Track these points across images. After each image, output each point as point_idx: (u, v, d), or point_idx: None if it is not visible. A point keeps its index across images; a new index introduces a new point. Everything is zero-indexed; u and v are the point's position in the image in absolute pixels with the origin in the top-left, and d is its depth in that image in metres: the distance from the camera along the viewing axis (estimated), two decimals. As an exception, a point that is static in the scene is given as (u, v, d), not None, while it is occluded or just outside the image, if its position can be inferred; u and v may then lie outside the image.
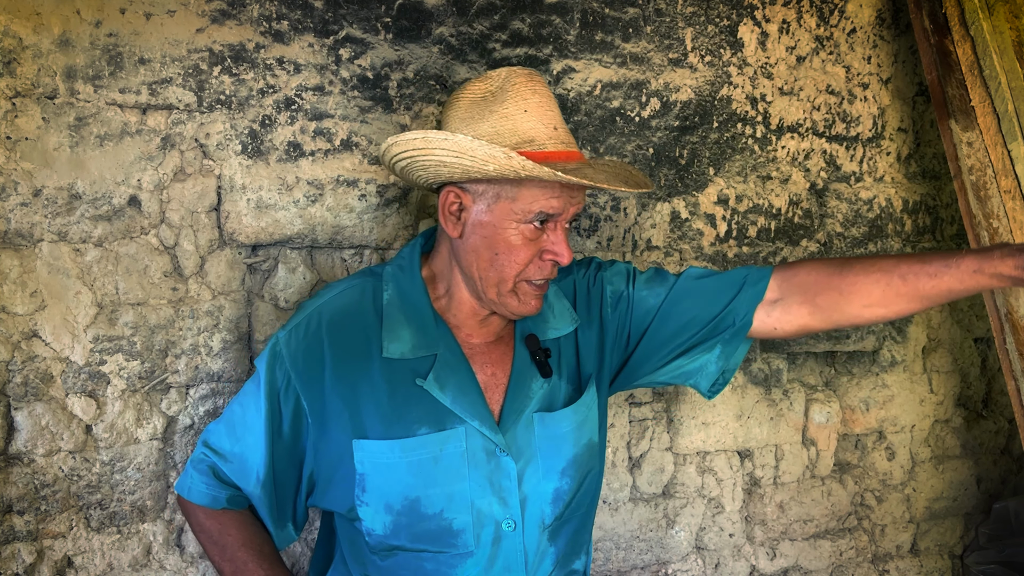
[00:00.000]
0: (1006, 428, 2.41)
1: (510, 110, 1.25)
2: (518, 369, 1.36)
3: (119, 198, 1.48)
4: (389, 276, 1.36)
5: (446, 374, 1.30)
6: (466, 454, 1.29)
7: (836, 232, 2.09)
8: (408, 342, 1.30)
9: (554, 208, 1.23)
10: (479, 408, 1.30)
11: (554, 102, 1.28)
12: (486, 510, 1.30)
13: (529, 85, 1.26)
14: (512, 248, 1.25)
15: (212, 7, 1.50)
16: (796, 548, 2.17)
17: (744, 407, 2.05)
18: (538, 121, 1.24)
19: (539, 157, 1.21)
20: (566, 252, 1.26)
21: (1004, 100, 1.90)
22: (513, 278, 1.27)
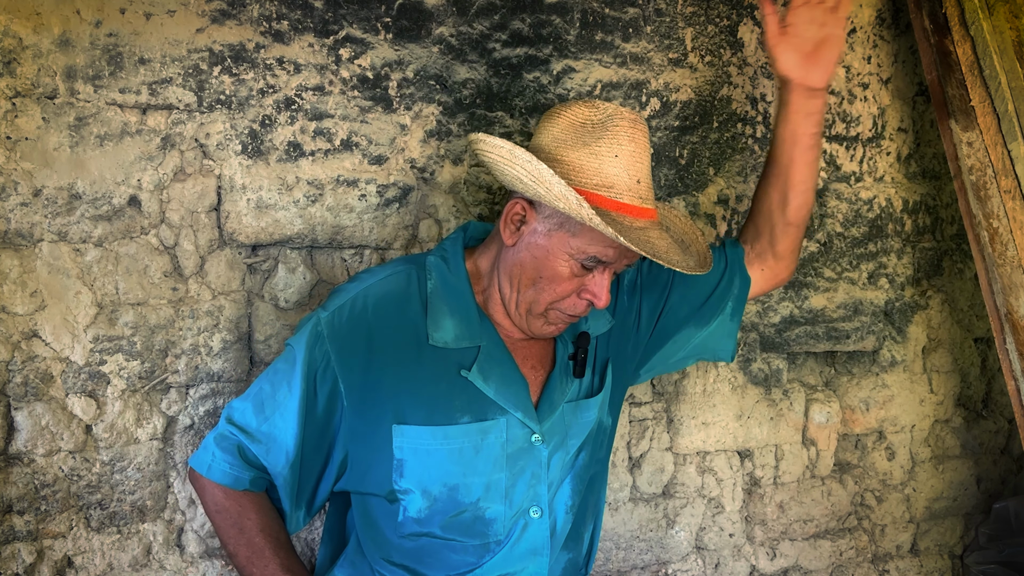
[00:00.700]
0: (1006, 428, 2.41)
1: (602, 149, 1.24)
2: (559, 365, 1.41)
3: (119, 198, 1.48)
4: (432, 265, 1.36)
5: (490, 366, 1.32)
6: (505, 445, 1.32)
7: (836, 232, 2.09)
8: (451, 332, 1.31)
9: (608, 257, 1.26)
10: (523, 400, 1.33)
11: (647, 154, 1.28)
12: (518, 500, 1.34)
13: (629, 132, 1.25)
14: (557, 277, 1.28)
15: (212, 7, 1.50)
16: (796, 548, 2.17)
17: (744, 407, 2.05)
18: (624, 170, 1.24)
19: (612, 206, 1.23)
20: (604, 297, 1.28)
21: (1004, 100, 1.90)
22: (547, 303, 1.30)
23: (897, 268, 2.18)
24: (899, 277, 2.18)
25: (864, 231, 2.13)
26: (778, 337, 2.06)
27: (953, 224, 2.25)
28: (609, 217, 1.22)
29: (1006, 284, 1.91)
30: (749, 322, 2.02)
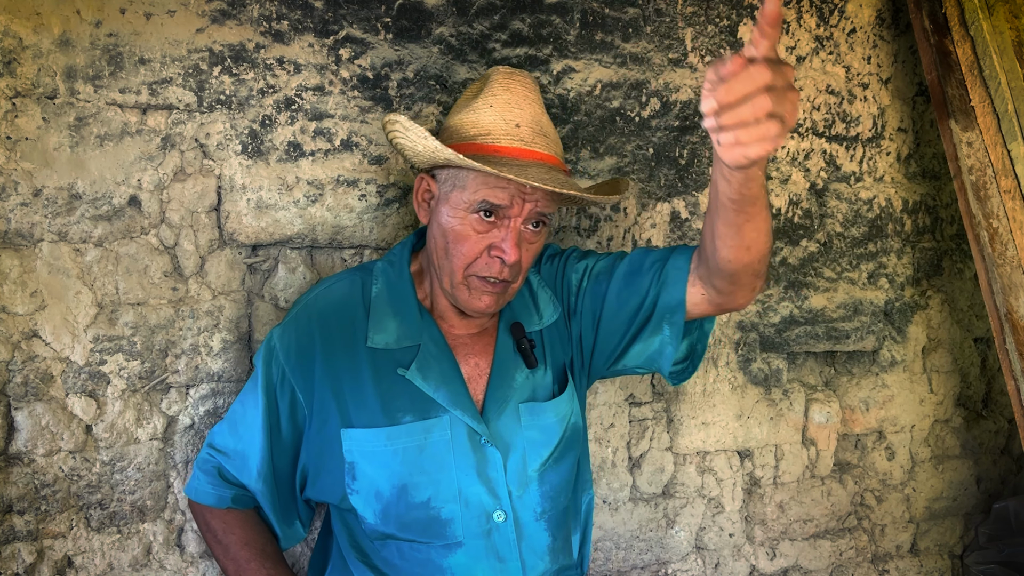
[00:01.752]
0: (1006, 428, 2.41)
1: (479, 104, 1.29)
2: (500, 358, 1.38)
3: (119, 198, 1.48)
4: (379, 271, 1.39)
5: (429, 364, 1.32)
6: (451, 443, 1.31)
7: (836, 232, 2.09)
8: (393, 333, 1.33)
9: (499, 199, 1.23)
10: (461, 398, 1.32)
11: (528, 102, 1.29)
12: (475, 500, 1.31)
13: (503, 82, 1.29)
14: (460, 238, 1.26)
15: (212, 7, 1.50)
16: (796, 548, 2.17)
17: (744, 407, 2.05)
18: (499, 116, 1.27)
19: (490, 150, 1.24)
20: (511, 250, 1.24)
21: (1004, 100, 1.90)
22: (462, 270, 1.28)
23: (897, 268, 2.18)
24: (899, 277, 2.18)
25: (864, 231, 2.13)
26: (778, 337, 2.06)
27: (953, 224, 2.25)
28: (484, 158, 1.22)
29: (1006, 284, 1.91)
30: (749, 322, 2.02)
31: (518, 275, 1.30)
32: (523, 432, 1.36)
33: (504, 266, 1.27)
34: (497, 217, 1.25)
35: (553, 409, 1.39)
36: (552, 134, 1.31)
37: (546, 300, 1.45)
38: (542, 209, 1.26)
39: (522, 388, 1.38)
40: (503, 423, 1.35)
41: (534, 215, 1.27)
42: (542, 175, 1.22)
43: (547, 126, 1.30)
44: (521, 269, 1.30)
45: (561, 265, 1.48)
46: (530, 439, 1.36)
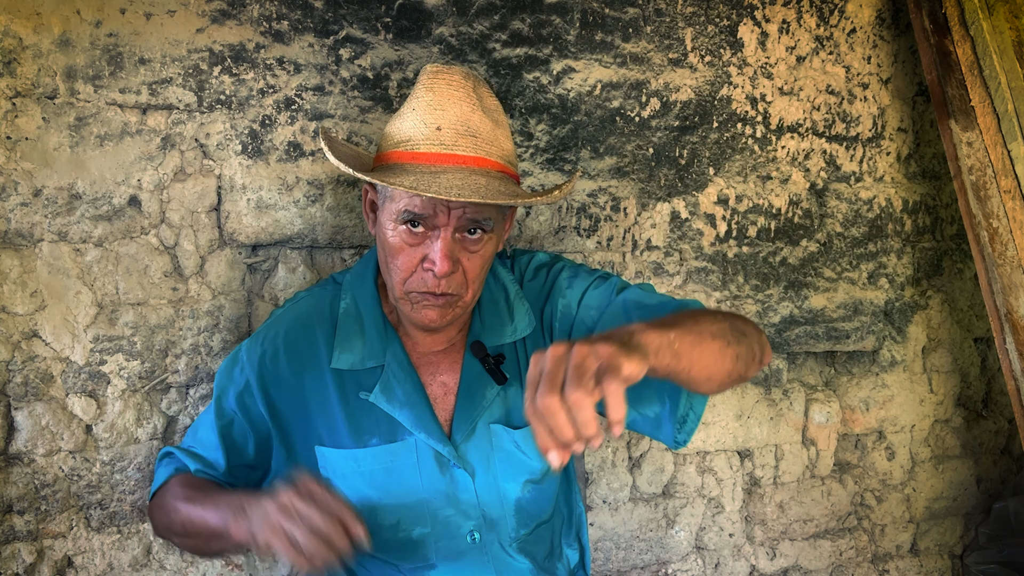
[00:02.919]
0: (1006, 428, 2.41)
1: (405, 108, 1.23)
2: (467, 377, 1.31)
3: (119, 198, 1.48)
4: (348, 285, 1.34)
5: (392, 385, 1.27)
6: (418, 465, 1.26)
7: (836, 232, 2.09)
8: (358, 353, 1.28)
9: (418, 208, 1.16)
10: (426, 420, 1.26)
11: (456, 100, 1.19)
12: (445, 522, 1.28)
13: (427, 83, 1.21)
14: (395, 251, 1.20)
15: (212, 7, 1.50)
16: (796, 548, 2.17)
17: (744, 407, 2.05)
18: (420, 121, 1.19)
19: (408, 158, 1.18)
20: (440, 262, 1.16)
21: (1004, 100, 1.90)
22: (400, 285, 1.22)
23: (897, 268, 2.18)
24: (899, 277, 2.19)
25: (864, 231, 2.13)
26: (778, 337, 2.06)
27: (953, 224, 2.25)
28: (400, 168, 1.17)
29: (1006, 284, 1.91)
30: (749, 322, 2.02)
31: (463, 288, 1.22)
32: (495, 454, 1.30)
33: (438, 279, 1.19)
34: (426, 228, 1.18)
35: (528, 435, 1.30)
36: (487, 133, 1.20)
37: (522, 313, 1.35)
38: (473, 215, 1.17)
39: (493, 407, 1.31)
40: (472, 445, 1.29)
41: (466, 222, 1.18)
42: (455, 182, 1.12)
43: (479, 125, 1.19)
44: (467, 281, 1.22)
45: (548, 283, 1.37)
46: (502, 460, 1.30)
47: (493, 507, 1.30)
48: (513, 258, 1.43)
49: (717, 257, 1.97)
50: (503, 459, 1.30)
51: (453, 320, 1.26)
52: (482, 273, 1.24)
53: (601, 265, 1.86)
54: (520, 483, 1.31)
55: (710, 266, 1.96)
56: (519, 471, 1.31)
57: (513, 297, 1.36)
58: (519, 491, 1.31)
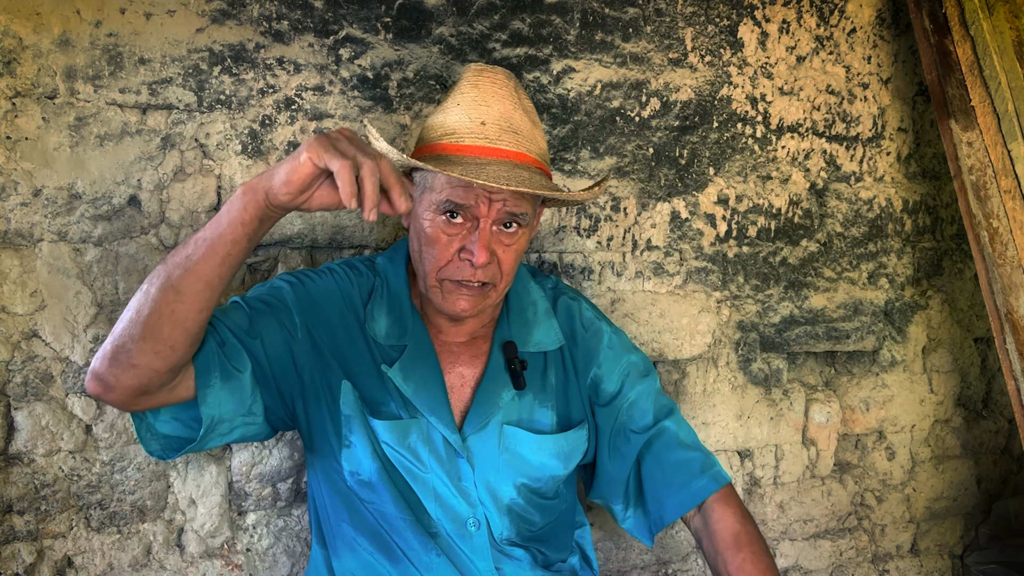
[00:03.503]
0: (1006, 428, 2.41)
1: (448, 104, 1.28)
2: (490, 374, 1.36)
3: (119, 198, 1.48)
4: (380, 266, 1.40)
5: (411, 366, 1.31)
6: (427, 444, 1.30)
7: (836, 232, 2.09)
8: (383, 328, 1.33)
9: (462, 199, 1.20)
10: (438, 406, 1.31)
11: (499, 98, 1.25)
12: (450, 504, 1.32)
13: (472, 80, 1.27)
14: (431, 240, 1.24)
15: (212, 7, 1.50)
16: (796, 548, 2.17)
17: (744, 407, 2.05)
18: (464, 115, 1.24)
19: (452, 150, 1.22)
20: (479, 252, 1.21)
21: (1004, 100, 1.90)
22: (434, 273, 1.26)
23: (897, 268, 2.18)
24: (899, 277, 2.18)
25: (864, 231, 2.13)
26: (778, 337, 2.06)
27: (953, 224, 2.25)
28: (446, 159, 1.21)
29: (1006, 284, 1.91)
30: (749, 322, 2.02)
31: (496, 277, 1.27)
32: (501, 455, 1.33)
33: (475, 268, 1.23)
34: (465, 219, 1.23)
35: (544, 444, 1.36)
36: (527, 131, 1.26)
37: (549, 328, 1.42)
38: (511, 209, 1.23)
39: (508, 408, 1.35)
40: (480, 439, 1.33)
41: (504, 215, 1.23)
42: (501, 173, 1.17)
43: (520, 122, 1.25)
44: (501, 272, 1.27)
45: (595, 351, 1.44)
46: (507, 464, 1.34)
47: (488, 503, 1.34)
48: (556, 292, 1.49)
49: (717, 257, 1.97)
50: (508, 461, 1.34)
51: (482, 310, 1.31)
52: (515, 266, 1.29)
53: (601, 265, 1.86)
54: (515, 487, 1.35)
55: (710, 266, 1.96)
56: (518, 474, 1.35)
57: (542, 313, 1.43)
58: (513, 494, 1.35)
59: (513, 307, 1.42)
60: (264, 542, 1.66)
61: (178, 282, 1.06)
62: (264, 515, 1.65)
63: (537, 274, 1.53)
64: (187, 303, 1.06)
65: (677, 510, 1.39)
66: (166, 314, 1.06)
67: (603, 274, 1.87)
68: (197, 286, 1.06)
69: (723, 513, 1.37)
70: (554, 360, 1.42)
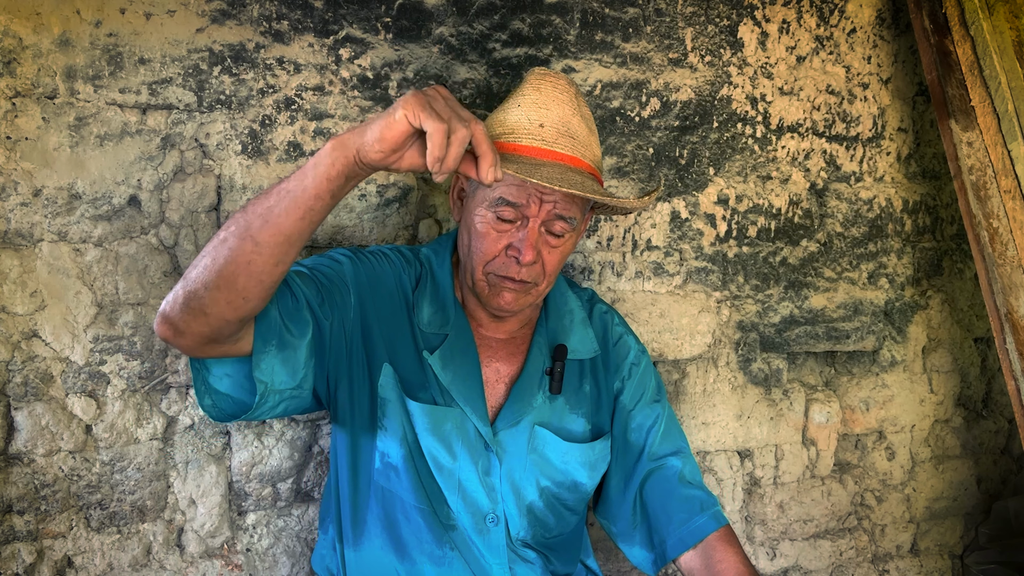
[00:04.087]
0: (1006, 428, 2.41)
1: (509, 104, 1.31)
2: (527, 373, 1.38)
3: (119, 198, 1.48)
4: (425, 257, 1.42)
5: (451, 355, 1.33)
6: (460, 434, 1.32)
7: (836, 232, 2.09)
8: (427, 316, 1.35)
9: (514, 197, 1.23)
10: (474, 397, 1.33)
11: (559, 102, 1.28)
12: (472, 497, 1.32)
13: (534, 83, 1.30)
14: (481, 236, 1.27)
15: (212, 7, 1.50)
16: (796, 548, 2.17)
17: (744, 407, 2.05)
18: (524, 116, 1.27)
19: (510, 148, 1.25)
20: (526, 250, 1.24)
21: (1004, 100, 1.90)
22: (481, 267, 1.29)
23: (897, 268, 2.18)
24: (899, 277, 2.18)
25: (864, 231, 2.13)
26: (778, 337, 2.06)
27: (953, 224, 2.25)
28: (502, 156, 1.21)
29: (1006, 284, 1.91)
30: (749, 322, 2.02)
31: (540, 277, 1.30)
32: (529, 455, 1.35)
33: (520, 266, 1.27)
34: (516, 217, 1.26)
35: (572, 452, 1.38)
36: (583, 137, 1.29)
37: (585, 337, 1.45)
38: (561, 212, 1.26)
39: (540, 410, 1.37)
40: (511, 436, 1.35)
41: (553, 216, 1.26)
42: (554, 175, 1.19)
43: (577, 128, 1.28)
44: (545, 272, 1.30)
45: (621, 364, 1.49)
46: (534, 464, 1.36)
47: (510, 501, 1.35)
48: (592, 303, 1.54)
49: (717, 257, 1.97)
50: (535, 461, 1.36)
51: (523, 307, 1.34)
52: (559, 267, 1.32)
53: (601, 265, 1.86)
54: (539, 488, 1.36)
55: (710, 266, 1.96)
56: (543, 476, 1.36)
57: (578, 322, 1.46)
58: (535, 495, 1.36)
59: (552, 312, 1.46)
60: (264, 542, 1.66)
61: (257, 233, 1.01)
62: (264, 515, 1.66)
63: (574, 285, 1.57)
64: (265, 255, 1.02)
65: (678, 547, 1.40)
66: (242, 264, 1.02)
67: (603, 274, 1.87)
68: (277, 239, 1.01)
69: (726, 553, 1.36)
70: (589, 369, 1.46)
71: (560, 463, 1.37)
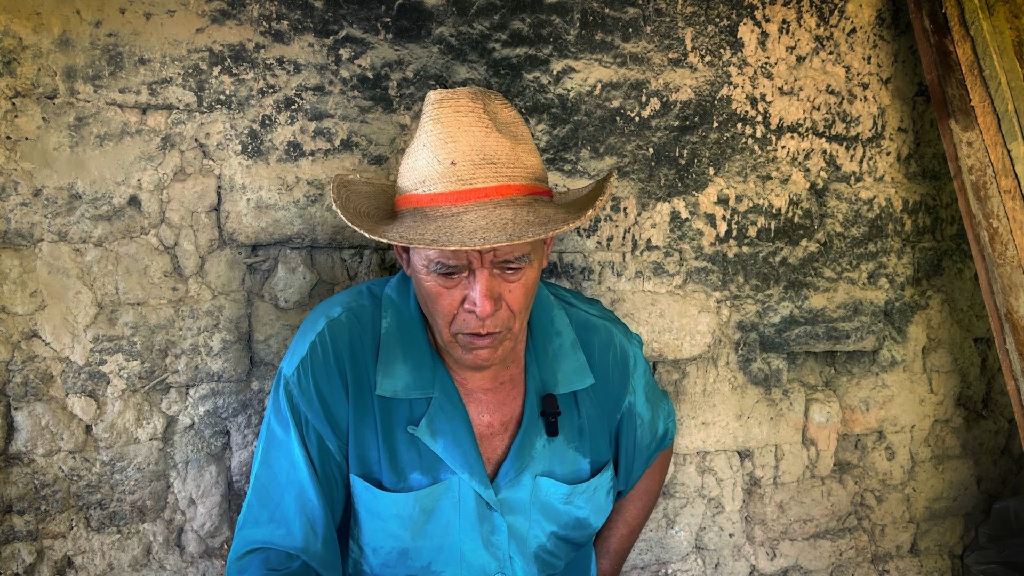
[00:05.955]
0: (1006, 428, 2.41)
1: (416, 146, 1.15)
2: (527, 424, 1.28)
3: (119, 198, 1.48)
4: (388, 302, 1.28)
5: (440, 421, 1.23)
6: (458, 505, 1.24)
7: (836, 232, 2.09)
8: (403, 380, 1.23)
9: (449, 259, 1.10)
10: (471, 461, 1.24)
11: (465, 127, 1.12)
12: (476, 564, 1.27)
13: (433, 114, 1.14)
14: (433, 297, 1.15)
15: (212, 7, 1.50)
16: (796, 548, 2.17)
17: (744, 407, 2.05)
18: (433, 158, 1.12)
19: (426, 201, 1.12)
20: (481, 303, 1.11)
21: (1004, 100, 1.90)
22: (447, 328, 1.17)
23: (897, 268, 2.18)
24: (899, 277, 2.18)
25: (864, 231, 2.13)
26: (778, 337, 2.06)
27: (953, 224, 2.25)
28: (422, 214, 1.11)
29: (1006, 284, 1.91)
30: (749, 322, 2.02)
31: (510, 321, 1.17)
32: (532, 502, 1.29)
33: (482, 320, 1.13)
34: (460, 270, 1.13)
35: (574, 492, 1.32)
36: (506, 156, 1.12)
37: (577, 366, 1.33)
38: (505, 256, 1.12)
39: (540, 456, 1.29)
40: (515, 493, 1.27)
41: (500, 260, 1.12)
42: (479, 223, 1.05)
43: (496, 149, 1.12)
44: (514, 314, 1.17)
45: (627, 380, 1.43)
46: (539, 512, 1.30)
47: (518, 553, 1.30)
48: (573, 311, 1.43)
49: (717, 257, 1.97)
50: (539, 510, 1.30)
51: (505, 355, 1.22)
52: (526, 301, 1.19)
53: (601, 265, 1.86)
54: (546, 535, 1.32)
55: (710, 266, 1.96)
56: (550, 522, 1.31)
57: (568, 346, 1.34)
58: (543, 540, 1.32)
59: (538, 339, 1.33)
60: (264, 542, 1.66)
61: None
62: (264, 515, 1.66)
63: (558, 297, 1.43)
64: None
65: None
66: None
67: (603, 274, 1.87)
68: None
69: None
70: (584, 398, 1.35)
71: (564, 507, 1.32)
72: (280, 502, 1.19)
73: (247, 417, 1.61)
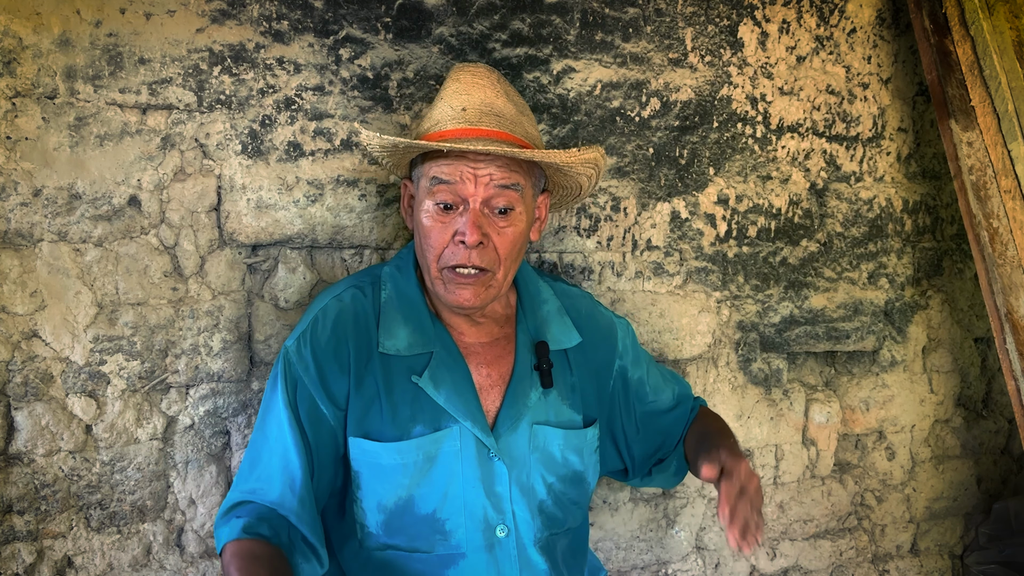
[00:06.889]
0: (1006, 428, 2.41)
1: (435, 101, 1.35)
2: (519, 374, 1.37)
3: (119, 198, 1.48)
4: (387, 276, 1.39)
5: (441, 372, 1.31)
6: (460, 453, 1.29)
7: (836, 232, 2.09)
8: (405, 339, 1.31)
9: (446, 174, 1.24)
10: (472, 409, 1.30)
11: (479, 87, 1.30)
12: (479, 513, 1.30)
13: (454, 75, 1.35)
14: (428, 231, 1.28)
15: (212, 7, 1.50)
16: (796, 548, 2.17)
17: (744, 407, 2.04)
18: (447, 105, 1.30)
19: (436, 136, 1.27)
20: (470, 231, 1.23)
21: (1004, 100, 1.90)
22: (435, 263, 1.28)
23: (897, 268, 2.18)
24: (899, 277, 2.18)
25: (864, 231, 2.13)
26: (778, 337, 2.06)
27: (953, 224, 2.25)
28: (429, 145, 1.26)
29: (1006, 284, 1.91)
30: (749, 322, 2.02)
31: (494, 264, 1.28)
32: (532, 453, 1.34)
33: (468, 250, 1.25)
34: (456, 202, 1.26)
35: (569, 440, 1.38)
36: (509, 115, 1.29)
37: (564, 327, 1.44)
38: (500, 181, 1.25)
39: (536, 408, 1.36)
40: (514, 440, 1.33)
41: (493, 190, 1.25)
42: (478, 144, 1.21)
43: (502, 107, 1.29)
44: (499, 258, 1.28)
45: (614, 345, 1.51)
46: (539, 462, 1.35)
47: (521, 505, 1.33)
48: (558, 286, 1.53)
49: (717, 257, 1.97)
50: (539, 459, 1.35)
51: (487, 302, 1.32)
52: (513, 251, 1.30)
53: (601, 265, 1.86)
54: (546, 485, 1.36)
55: (710, 266, 1.96)
56: (548, 472, 1.36)
57: (555, 311, 1.45)
58: (544, 493, 1.36)
59: (527, 305, 1.44)
60: (264, 542, 1.66)
61: None
62: (264, 515, 1.66)
63: (542, 274, 1.55)
64: None
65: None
66: None
67: (603, 274, 1.87)
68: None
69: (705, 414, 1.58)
70: (573, 357, 1.44)
71: (560, 455, 1.37)
72: (267, 462, 1.26)
73: (247, 417, 1.61)
